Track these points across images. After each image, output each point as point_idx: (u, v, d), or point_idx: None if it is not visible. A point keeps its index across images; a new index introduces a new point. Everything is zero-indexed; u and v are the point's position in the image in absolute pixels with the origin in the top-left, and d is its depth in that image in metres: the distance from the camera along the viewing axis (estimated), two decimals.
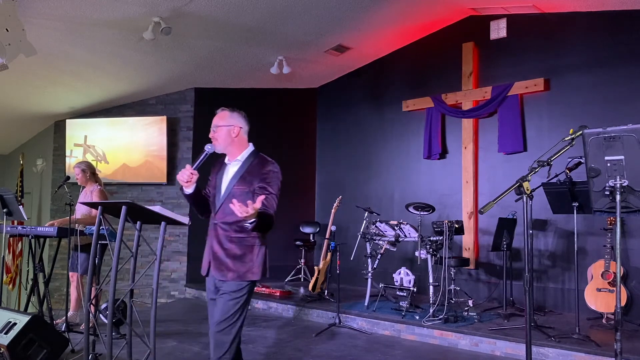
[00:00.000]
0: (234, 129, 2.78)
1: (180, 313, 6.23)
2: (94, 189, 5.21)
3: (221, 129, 2.77)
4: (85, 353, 3.36)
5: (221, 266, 2.65)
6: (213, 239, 2.72)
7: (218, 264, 2.67)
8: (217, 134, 2.77)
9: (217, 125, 2.78)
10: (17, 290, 8.32)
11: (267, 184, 2.63)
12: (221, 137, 2.76)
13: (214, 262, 2.69)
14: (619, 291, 2.59)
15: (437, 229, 5.23)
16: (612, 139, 2.55)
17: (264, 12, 5.50)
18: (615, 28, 5.48)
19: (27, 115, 7.96)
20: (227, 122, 2.79)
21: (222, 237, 2.68)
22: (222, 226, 2.69)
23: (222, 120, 2.80)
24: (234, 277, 2.61)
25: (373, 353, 4.44)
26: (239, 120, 2.84)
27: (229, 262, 2.64)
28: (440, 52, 6.79)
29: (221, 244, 2.67)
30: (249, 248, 2.67)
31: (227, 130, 2.77)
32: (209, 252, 2.73)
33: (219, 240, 2.69)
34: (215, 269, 2.68)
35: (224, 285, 2.65)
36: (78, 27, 5.38)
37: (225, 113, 2.85)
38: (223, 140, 2.76)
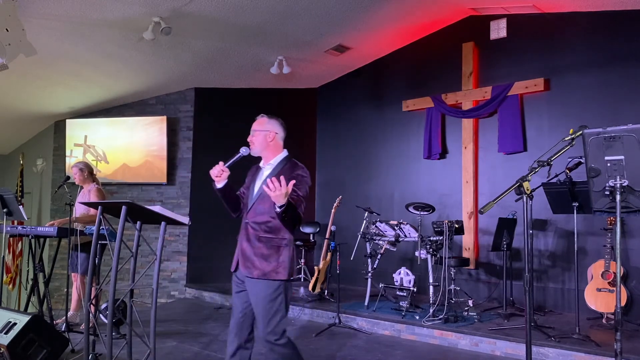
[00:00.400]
0: (270, 134, 2.95)
1: (180, 313, 6.23)
2: (91, 188, 5.23)
3: (258, 133, 2.94)
4: (85, 353, 3.36)
5: (247, 263, 2.80)
6: (243, 237, 2.87)
7: (245, 260, 2.82)
8: (254, 138, 2.94)
9: (255, 130, 2.95)
10: (17, 290, 8.32)
11: (294, 186, 2.69)
12: (257, 141, 2.93)
13: (242, 259, 2.84)
14: (619, 291, 2.59)
15: (437, 229, 5.23)
16: (612, 139, 2.55)
17: (264, 12, 5.50)
18: (615, 28, 5.48)
19: (27, 115, 7.96)
20: (263, 128, 2.95)
21: (252, 236, 2.83)
22: (252, 225, 2.84)
23: (260, 125, 2.97)
24: (259, 274, 2.75)
25: (373, 353, 4.44)
26: (275, 126, 2.99)
27: (255, 260, 2.78)
28: (440, 52, 6.79)
29: (250, 242, 2.83)
30: (275, 248, 2.80)
31: (264, 135, 2.93)
32: (239, 249, 2.88)
33: (249, 238, 2.84)
34: (243, 266, 2.82)
35: (251, 285, 2.78)
36: (78, 27, 5.38)
37: (264, 119, 3.00)
38: (259, 144, 2.93)
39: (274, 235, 2.81)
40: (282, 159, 2.97)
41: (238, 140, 7.78)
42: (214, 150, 7.63)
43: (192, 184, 7.51)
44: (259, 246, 2.80)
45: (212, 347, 4.54)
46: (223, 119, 7.71)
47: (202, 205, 7.49)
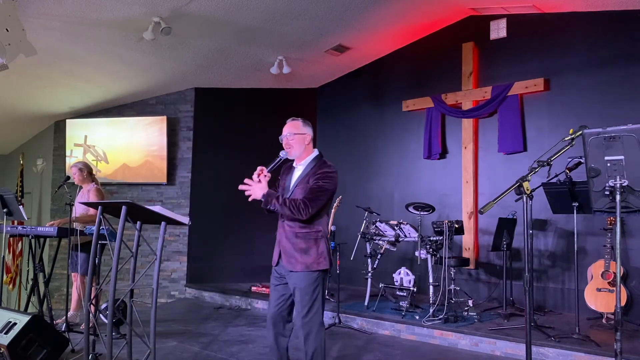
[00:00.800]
0: (307, 137, 3.12)
1: (180, 313, 6.23)
2: (90, 188, 5.24)
3: (297, 137, 3.09)
4: (85, 353, 3.36)
5: (291, 259, 3.00)
6: (282, 235, 3.07)
7: (288, 257, 3.01)
8: (293, 142, 3.08)
9: (293, 134, 3.09)
10: (17, 290, 8.33)
11: (318, 179, 2.96)
12: (296, 144, 3.09)
13: (284, 256, 3.03)
14: (619, 291, 2.59)
15: (437, 229, 5.23)
16: (612, 139, 2.55)
17: (264, 12, 5.50)
18: (615, 28, 5.48)
19: (27, 115, 7.96)
20: (300, 131, 3.10)
21: (290, 233, 3.03)
22: (288, 223, 3.04)
23: (296, 129, 3.11)
24: (302, 268, 2.96)
25: (373, 353, 4.44)
26: (309, 129, 3.16)
27: (297, 255, 2.98)
28: (440, 52, 6.79)
29: (289, 239, 3.03)
30: (312, 242, 3.00)
31: (302, 138, 3.10)
32: (279, 246, 3.09)
33: (287, 236, 3.04)
34: (287, 262, 3.01)
35: (294, 277, 2.98)
36: (78, 27, 5.38)
37: (299, 122, 3.14)
38: (298, 147, 3.09)
39: (309, 229, 2.99)
40: (312, 158, 3.12)
41: (238, 140, 7.81)
42: (214, 150, 7.65)
43: (192, 184, 7.51)
44: (297, 242, 2.99)
45: (212, 347, 4.54)
46: (223, 119, 7.71)
47: (202, 205, 7.50)
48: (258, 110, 7.89)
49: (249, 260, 7.56)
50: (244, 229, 7.59)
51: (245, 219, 7.59)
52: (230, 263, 7.51)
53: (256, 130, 7.80)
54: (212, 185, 7.55)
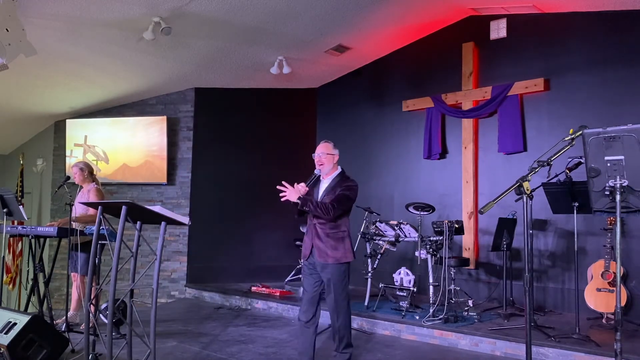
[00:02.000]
0: (335, 157, 3.83)
1: (180, 313, 6.23)
2: (90, 188, 5.24)
3: (328, 156, 3.78)
4: (85, 353, 3.37)
5: (323, 254, 3.69)
6: (314, 235, 3.73)
7: (320, 252, 3.70)
8: (325, 160, 3.77)
9: (326, 154, 3.77)
10: (17, 290, 8.32)
11: (343, 190, 3.70)
12: (328, 162, 3.77)
13: (317, 251, 3.71)
14: (619, 291, 2.59)
15: (437, 229, 5.23)
16: (612, 139, 2.55)
17: (264, 12, 5.50)
18: (615, 28, 5.47)
19: (27, 115, 7.96)
20: (331, 152, 3.80)
21: (321, 234, 3.71)
22: (320, 226, 3.72)
23: (328, 149, 3.79)
24: (333, 261, 3.66)
25: (373, 353, 4.44)
26: (336, 151, 3.85)
27: (328, 251, 3.68)
28: (440, 52, 6.79)
29: (320, 239, 3.71)
30: (340, 240, 3.72)
31: (332, 158, 3.80)
32: (310, 243, 3.75)
33: (319, 235, 3.72)
34: (320, 257, 3.69)
35: (327, 268, 3.68)
36: (78, 27, 5.38)
37: (330, 145, 3.82)
38: (328, 165, 3.78)
39: (337, 229, 3.71)
40: (337, 174, 3.82)
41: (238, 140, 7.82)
42: (214, 150, 7.65)
43: (192, 184, 7.51)
44: (327, 240, 3.68)
45: (212, 347, 4.54)
46: (223, 119, 7.71)
47: (202, 205, 7.50)
48: (258, 110, 7.89)
49: (249, 260, 7.56)
50: (244, 229, 7.59)
51: (245, 219, 7.60)
52: (230, 263, 7.51)
53: (256, 130, 7.80)
54: (212, 185, 7.55)
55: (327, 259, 3.67)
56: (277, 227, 7.69)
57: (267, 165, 7.55)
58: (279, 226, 7.71)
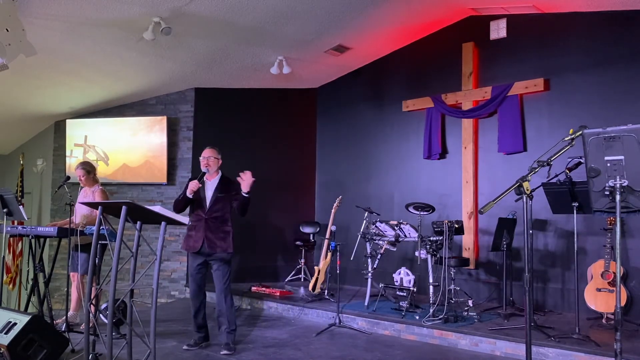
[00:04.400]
0: (219, 161, 4.57)
1: (180, 313, 6.23)
2: (95, 190, 5.21)
3: (215, 160, 4.53)
4: (85, 353, 3.37)
5: (213, 244, 4.33)
6: (206, 229, 4.34)
7: (210, 243, 4.32)
8: (211, 162, 4.50)
9: (212, 157, 4.51)
10: (17, 290, 8.32)
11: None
12: (214, 165, 4.51)
13: (207, 242, 4.31)
14: (619, 291, 2.60)
15: (437, 229, 5.23)
16: (612, 139, 2.55)
17: (264, 12, 5.50)
18: (615, 28, 5.48)
19: (27, 115, 7.96)
20: (217, 156, 4.56)
21: (212, 227, 4.35)
22: (211, 220, 4.38)
23: (214, 154, 4.54)
24: (221, 251, 4.35)
25: (373, 353, 4.44)
26: (219, 155, 4.59)
27: (217, 242, 4.34)
28: (440, 52, 6.79)
29: (212, 231, 4.35)
30: (227, 233, 4.42)
31: (217, 161, 4.55)
32: (202, 236, 4.33)
33: (210, 229, 4.35)
34: (209, 247, 4.32)
35: (216, 257, 4.35)
36: (78, 27, 5.38)
37: (215, 150, 4.55)
38: (214, 167, 4.51)
39: (225, 224, 4.44)
40: (221, 176, 4.56)
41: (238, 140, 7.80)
42: None
43: None
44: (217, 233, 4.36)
45: (212, 347, 4.54)
46: (223, 119, 7.71)
47: None
48: (258, 110, 7.89)
49: (249, 260, 7.55)
50: (243, 229, 7.58)
51: (245, 219, 7.58)
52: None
53: (256, 130, 7.80)
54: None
55: (216, 249, 4.30)
56: (277, 227, 7.69)
57: (267, 165, 7.55)
58: (279, 226, 7.71)
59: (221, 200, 4.40)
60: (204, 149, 4.64)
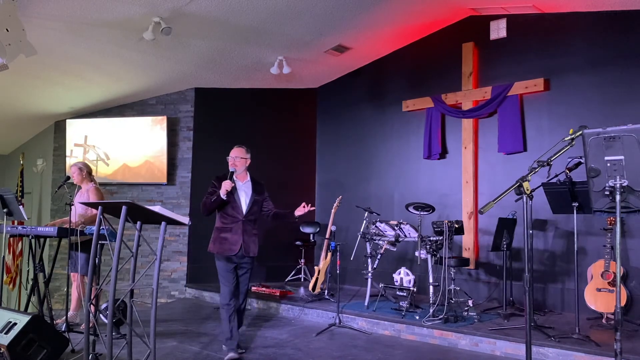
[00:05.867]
0: (248, 161, 4.43)
1: (180, 313, 6.23)
2: (89, 188, 5.25)
3: (242, 160, 4.38)
4: (85, 353, 3.36)
5: (248, 248, 4.34)
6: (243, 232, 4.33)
7: (247, 246, 4.32)
8: (238, 162, 4.35)
9: (239, 158, 4.37)
10: (17, 290, 8.32)
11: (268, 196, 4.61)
12: (241, 165, 4.37)
13: (244, 245, 4.31)
14: (619, 291, 2.60)
15: (437, 229, 5.23)
16: (612, 139, 2.55)
17: (264, 12, 5.50)
18: (615, 28, 5.48)
19: (27, 115, 7.96)
20: (245, 156, 4.40)
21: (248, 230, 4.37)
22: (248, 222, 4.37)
23: (242, 154, 4.38)
24: (252, 254, 4.39)
25: (373, 353, 4.44)
26: (248, 155, 4.43)
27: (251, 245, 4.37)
28: (440, 52, 6.79)
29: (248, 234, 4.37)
30: (256, 236, 4.47)
31: (245, 161, 4.41)
32: (240, 239, 4.30)
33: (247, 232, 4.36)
34: (245, 250, 4.31)
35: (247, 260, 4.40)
36: (78, 27, 5.38)
37: (243, 149, 4.40)
38: (240, 167, 4.37)
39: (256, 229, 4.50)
40: (250, 177, 4.46)
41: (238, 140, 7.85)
42: (214, 150, 7.63)
43: (192, 184, 7.51)
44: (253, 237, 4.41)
45: (212, 347, 4.55)
46: (223, 119, 7.71)
47: None
48: (258, 110, 7.89)
49: None
50: None
51: None
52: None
53: (256, 130, 7.80)
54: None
55: (249, 252, 4.34)
56: (277, 227, 7.68)
57: (267, 165, 7.54)
58: (279, 226, 7.71)
59: (257, 204, 4.44)
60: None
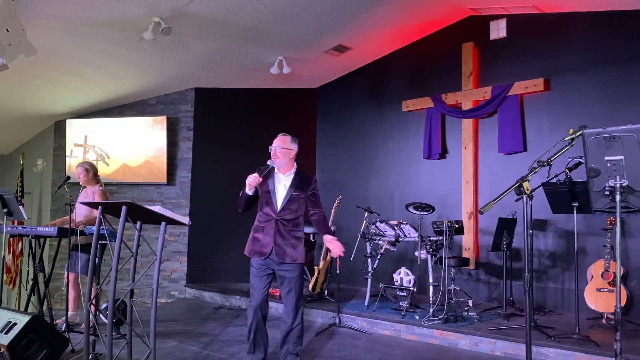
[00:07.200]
0: (292, 152, 3.70)
1: (180, 313, 6.23)
2: (96, 190, 5.19)
3: (284, 150, 3.63)
4: (85, 353, 3.36)
5: (282, 252, 3.59)
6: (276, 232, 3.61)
7: (279, 250, 3.58)
8: (279, 153, 3.62)
9: (281, 148, 3.62)
10: (17, 290, 8.33)
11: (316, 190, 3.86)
12: (283, 156, 3.63)
13: (276, 248, 3.58)
14: (618, 291, 2.60)
15: (437, 229, 5.23)
16: (612, 139, 2.55)
17: (264, 12, 5.50)
18: (615, 28, 5.48)
19: (27, 115, 7.96)
20: (289, 146, 3.66)
21: (283, 232, 3.61)
22: (283, 222, 3.62)
23: (285, 144, 3.65)
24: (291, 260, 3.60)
25: (373, 353, 4.44)
26: (294, 145, 3.72)
27: (287, 249, 3.60)
28: (440, 52, 6.79)
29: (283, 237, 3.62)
30: (299, 240, 3.68)
31: (288, 152, 3.66)
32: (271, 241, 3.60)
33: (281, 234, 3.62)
34: (277, 255, 3.59)
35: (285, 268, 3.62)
36: (78, 27, 5.38)
37: (287, 139, 3.68)
38: (283, 159, 3.63)
39: (297, 229, 3.68)
40: (296, 170, 3.73)
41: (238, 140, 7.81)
42: (214, 150, 7.65)
43: (192, 184, 7.51)
44: (289, 239, 3.61)
45: (212, 347, 4.55)
46: (223, 119, 7.71)
47: (202, 205, 7.50)
48: (258, 110, 7.89)
49: (249, 260, 7.55)
50: (243, 228, 7.56)
51: (246, 219, 7.58)
52: (230, 263, 7.50)
53: (256, 130, 7.78)
54: (212, 185, 7.55)
55: (285, 257, 3.57)
56: None
57: None
58: None
59: (296, 200, 3.64)
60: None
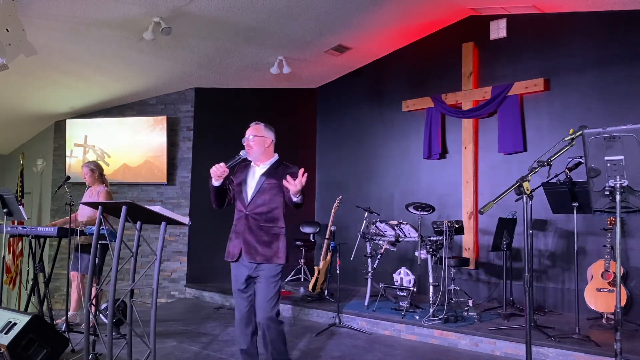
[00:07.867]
0: (267, 140, 3.26)
1: (180, 313, 6.23)
2: (100, 190, 5.17)
3: (257, 139, 3.22)
4: (85, 353, 3.36)
5: (252, 252, 3.17)
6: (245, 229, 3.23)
7: (249, 249, 3.18)
8: (252, 142, 3.21)
9: (254, 136, 3.22)
10: (17, 290, 8.32)
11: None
12: (257, 146, 3.22)
13: (245, 247, 3.19)
14: (619, 291, 2.59)
15: (437, 229, 5.23)
16: (612, 139, 2.55)
17: (264, 12, 5.50)
18: (615, 28, 5.48)
19: (27, 115, 7.96)
20: (262, 134, 3.24)
21: (254, 227, 3.20)
22: (253, 217, 3.22)
23: (258, 132, 3.24)
24: (263, 260, 3.15)
25: (373, 353, 4.44)
26: (270, 133, 3.29)
27: (258, 248, 3.17)
28: (440, 52, 6.79)
29: (253, 232, 3.20)
30: (274, 237, 3.24)
31: (263, 140, 3.24)
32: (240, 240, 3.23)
33: (251, 229, 3.20)
34: (247, 255, 3.18)
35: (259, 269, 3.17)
36: (78, 27, 5.38)
37: (260, 127, 3.26)
38: (258, 149, 3.23)
39: (273, 224, 3.24)
40: (275, 160, 3.32)
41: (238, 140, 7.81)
42: (214, 150, 7.64)
43: (192, 184, 7.51)
44: (260, 235, 3.19)
45: (212, 347, 4.55)
46: (223, 119, 7.71)
47: (202, 205, 7.49)
48: (258, 110, 7.88)
49: None
50: None
51: None
52: (230, 263, 7.50)
53: None
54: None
55: (256, 257, 3.12)
56: None
57: None
58: None
59: (268, 191, 3.18)
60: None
